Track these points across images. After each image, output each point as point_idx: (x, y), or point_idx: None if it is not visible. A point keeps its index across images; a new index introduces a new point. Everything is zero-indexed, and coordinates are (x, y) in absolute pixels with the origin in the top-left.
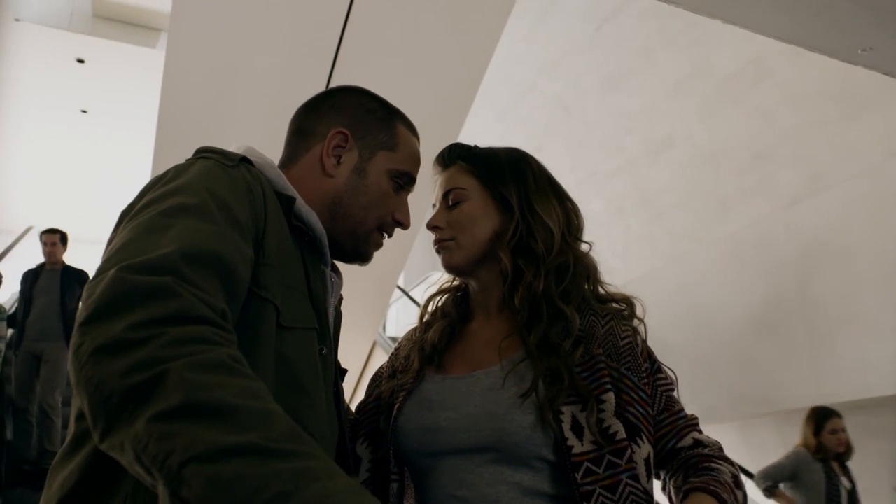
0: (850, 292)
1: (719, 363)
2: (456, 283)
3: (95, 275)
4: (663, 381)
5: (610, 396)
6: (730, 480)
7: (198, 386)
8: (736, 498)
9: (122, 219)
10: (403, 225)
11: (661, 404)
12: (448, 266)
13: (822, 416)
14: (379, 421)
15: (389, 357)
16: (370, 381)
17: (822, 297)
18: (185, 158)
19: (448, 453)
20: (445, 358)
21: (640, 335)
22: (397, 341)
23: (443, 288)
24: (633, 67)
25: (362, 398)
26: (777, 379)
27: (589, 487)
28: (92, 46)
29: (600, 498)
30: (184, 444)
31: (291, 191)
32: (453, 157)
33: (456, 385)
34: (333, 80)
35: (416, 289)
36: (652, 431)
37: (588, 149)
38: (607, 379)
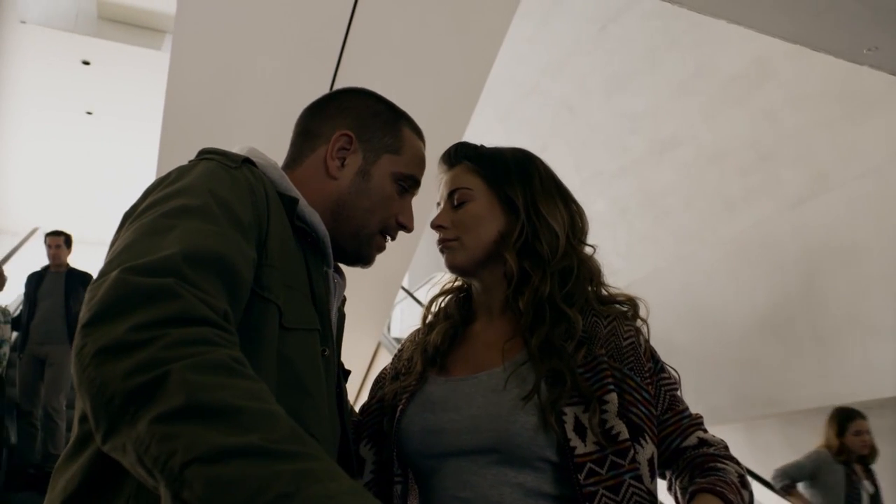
0: (856, 292)
1: (724, 363)
2: (458, 283)
3: (98, 276)
4: (667, 381)
5: (613, 397)
6: (736, 480)
7: (200, 387)
8: (742, 498)
9: (124, 220)
10: (407, 228)
11: (665, 404)
12: (451, 266)
13: (846, 416)
14: (382, 422)
15: (393, 359)
16: (373, 383)
17: (827, 298)
18: (189, 159)
19: (451, 455)
20: (448, 359)
21: (643, 335)
22: (401, 342)
23: (445, 289)
24: (638, 68)
25: (366, 399)
26: (782, 380)
27: (592, 488)
28: (97, 48)
29: (603, 499)
30: (185, 445)
31: (294, 192)
32: (459, 156)
33: (459, 387)
34: (337, 82)
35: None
36: (655, 431)
37: (592, 149)
38: (610, 379)
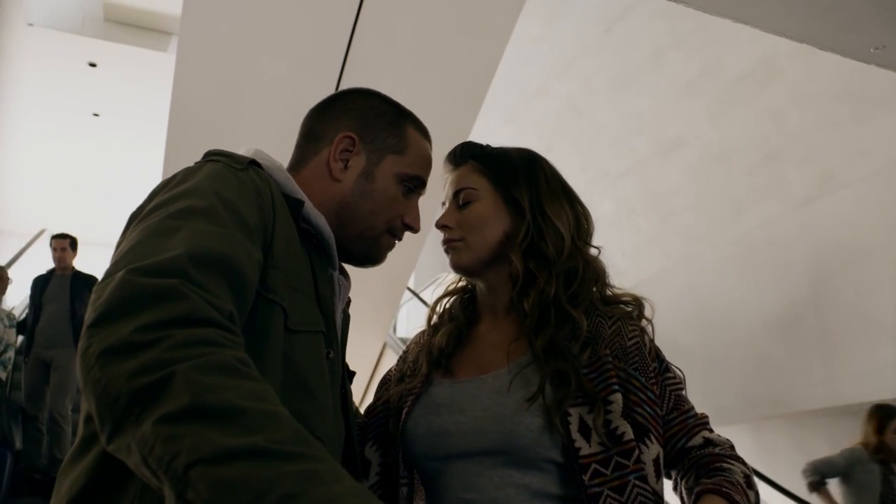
0: (863, 293)
1: (731, 364)
2: (462, 283)
3: (104, 277)
4: (672, 381)
5: (617, 397)
6: (742, 481)
7: (204, 388)
8: (748, 499)
9: (130, 221)
10: (413, 229)
11: (671, 404)
12: (456, 266)
13: (887, 413)
14: (388, 424)
15: (398, 360)
16: (379, 384)
17: (834, 298)
18: (195, 161)
19: (456, 457)
20: (453, 361)
21: (648, 335)
22: (407, 343)
23: (449, 290)
24: (643, 68)
25: (371, 401)
26: (789, 380)
27: (597, 489)
28: (104, 50)
29: (608, 499)
30: (190, 446)
31: (300, 194)
32: (465, 156)
33: (464, 389)
34: (343, 83)
35: (427, 290)
36: (661, 431)
37: (598, 150)
38: (615, 380)
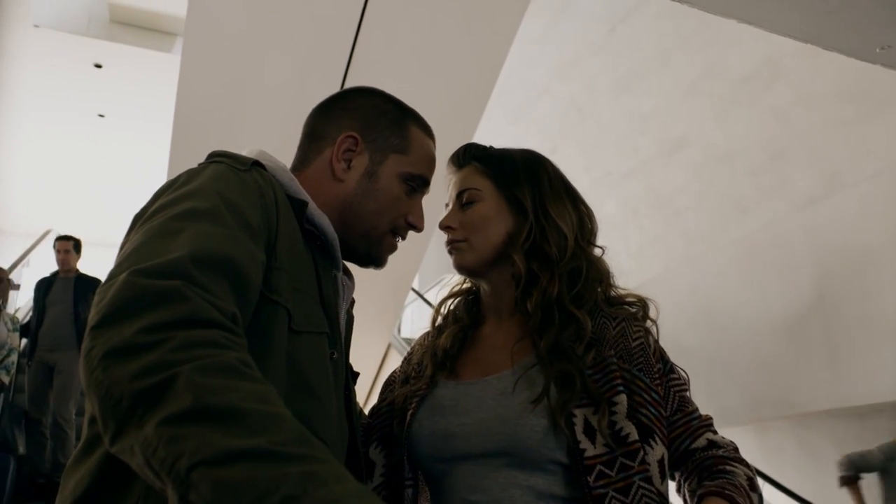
0: (868, 293)
1: (735, 365)
2: (466, 285)
3: (107, 279)
4: (676, 382)
5: (622, 398)
6: (745, 483)
7: (207, 390)
8: (751, 501)
9: (134, 223)
10: (417, 228)
11: (675, 405)
12: (459, 267)
13: None
14: (392, 425)
15: (402, 362)
16: (383, 386)
17: (839, 299)
18: (200, 161)
19: (462, 458)
20: (458, 363)
21: (652, 336)
22: (411, 344)
23: (453, 291)
24: (648, 68)
25: (375, 402)
26: (793, 382)
27: (601, 490)
28: (109, 51)
29: (613, 500)
30: (192, 447)
31: (303, 195)
32: (468, 157)
33: (468, 390)
34: (347, 83)
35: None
36: (665, 432)
37: (602, 150)
38: (619, 381)
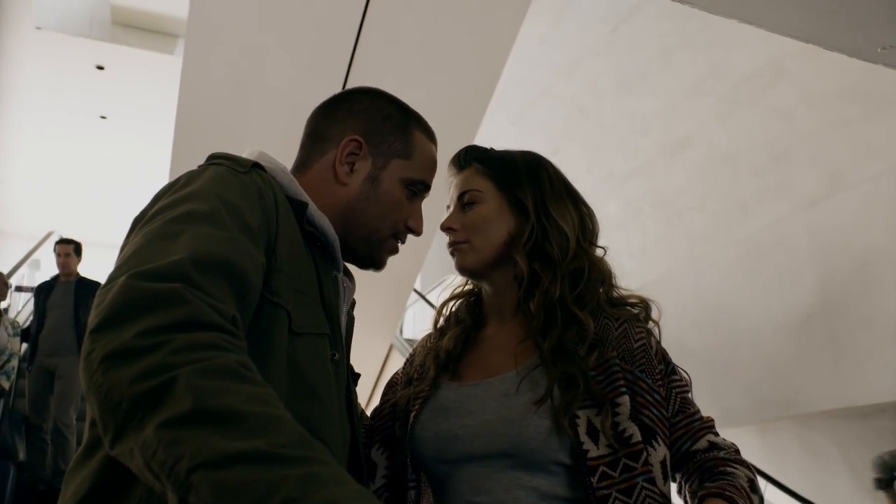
0: (872, 293)
1: (738, 366)
2: (468, 287)
3: (106, 282)
4: (678, 383)
5: (625, 399)
6: (746, 485)
7: (207, 392)
8: (752, 502)
9: (134, 225)
10: (416, 232)
11: (676, 406)
12: (461, 268)
13: None
14: (395, 427)
15: (405, 363)
16: (385, 387)
17: (842, 299)
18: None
19: (465, 460)
20: (461, 364)
21: (655, 337)
22: (413, 345)
23: (455, 293)
24: (650, 68)
25: (378, 403)
26: (797, 382)
27: (605, 491)
28: (111, 53)
29: (616, 501)
30: (192, 450)
31: (304, 196)
32: (469, 159)
33: (471, 392)
34: (349, 84)
35: (433, 292)
36: (667, 433)
37: (604, 151)
38: (622, 382)
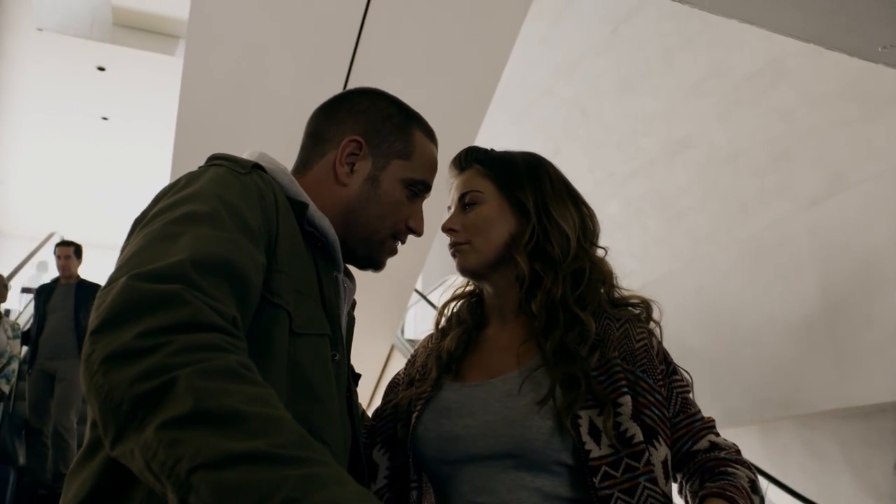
0: (873, 293)
1: (740, 366)
2: (470, 287)
3: (107, 283)
4: (679, 383)
5: (626, 400)
6: (746, 485)
7: (206, 393)
8: (752, 503)
9: (134, 227)
10: (416, 232)
11: (677, 406)
12: (463, 269)
13: None
14: (396, 428)
15: (406, 364)
16: (387, 388)
17: (844, 299)
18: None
19: (467, 461)
20: (463, 365)
21: (656, 337)
22: (415, 345)
23: (457, 294)
24: (651, 68)
25: (379, 404)
26: (799, 382)
27: (607, 491)
28: (112, 54)
29: (619, 501)
30: (192, 451)
31: (304, 197)
32: (470, 160)
33: (474, 392)
34: (350, 85)
35: (434, 292)
36: (669, 433)
37: (606, 151)
38: (623, 382)
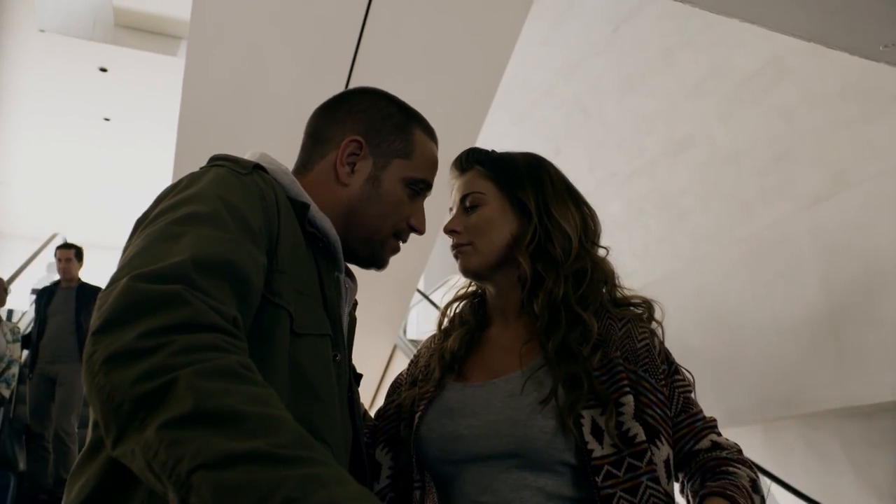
0: (875, 292)
1: (742, 365)
2: (472, 288)
3: (108, 283)
4: (681, 383)
5: (629, 399)
6: (747, 485)
7: (207, 393)
8: (753, 502)
9: (136, 227)
10: (418, 231)
11: (679, 406)
12: (465, 270)
13: None
14: (399, 428)
15: (409, 364)
16: (390, 388)
17: (846, 298)
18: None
19: (471, 461)
20: (465, 365)
21: (658, 337)
22: (417, 345)
23: (459, 294)
24: (652, 68)
25: (382, 404)
26: (801, 381)
27: (609, 490)
28: (114, 55)
29: (621, 501)
30: (192, 451)
31: (305, 197)
32: (471, 161)
33: (476, 392)
34: (351, 84)
35: (437, 292)
36: (671, 433)
37: (607, 150)
38: (625, 382)
